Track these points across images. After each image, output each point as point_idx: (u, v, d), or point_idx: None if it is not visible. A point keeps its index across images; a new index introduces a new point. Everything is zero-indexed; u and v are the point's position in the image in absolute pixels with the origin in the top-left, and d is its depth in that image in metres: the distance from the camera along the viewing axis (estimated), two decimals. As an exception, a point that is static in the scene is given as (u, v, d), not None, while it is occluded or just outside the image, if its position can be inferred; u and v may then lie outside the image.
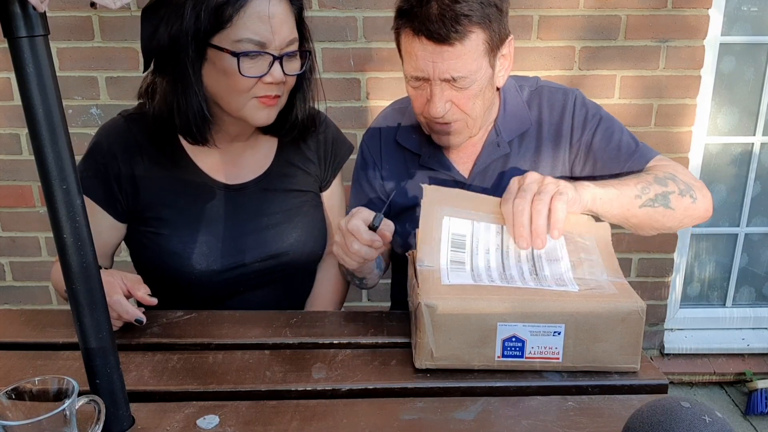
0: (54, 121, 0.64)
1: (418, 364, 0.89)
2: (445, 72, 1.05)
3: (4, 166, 2.23)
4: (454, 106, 1.10)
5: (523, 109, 1.23)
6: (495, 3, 1.05)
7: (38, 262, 2.36)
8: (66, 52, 2.08)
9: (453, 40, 1.02)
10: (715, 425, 0.63)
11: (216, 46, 1.00)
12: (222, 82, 1.03)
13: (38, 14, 0.61)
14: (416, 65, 1.06)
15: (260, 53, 1.01)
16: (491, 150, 1.21)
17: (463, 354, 0.88)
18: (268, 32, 1.00)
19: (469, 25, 1.02)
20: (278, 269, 1.21)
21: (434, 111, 1.09)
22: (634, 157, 1.19)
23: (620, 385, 0.89)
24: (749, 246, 2.56)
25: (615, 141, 1.20)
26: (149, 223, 1.14)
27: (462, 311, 0.85)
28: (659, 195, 1.09)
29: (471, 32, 1.03)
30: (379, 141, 1.30)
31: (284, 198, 1.22)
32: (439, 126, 1.14)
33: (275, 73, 1.03)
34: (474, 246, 0.97)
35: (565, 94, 1.23)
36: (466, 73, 1.05)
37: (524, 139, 1.22)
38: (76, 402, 0.69)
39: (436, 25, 1.01)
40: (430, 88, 1.08)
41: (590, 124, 1.20)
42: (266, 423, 0.80)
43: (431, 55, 1.04)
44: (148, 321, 1.06)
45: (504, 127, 1.21)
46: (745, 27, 2.26)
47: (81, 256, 0.69)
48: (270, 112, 1.08)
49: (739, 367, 2.50)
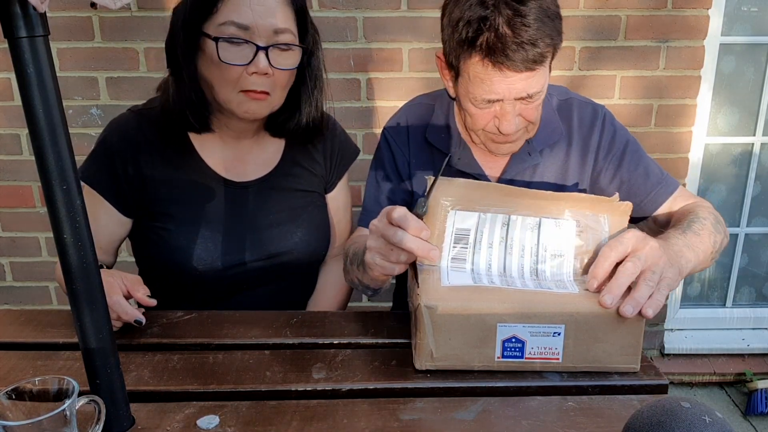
0: (54, 121, 0.64)
1: (419, 365, 0.89)
2: (522, 91, 1.04)
3: (5, 166, 2.23)
4: (522, 119, 1.10)
5: (555, 118, 1.22)
6: (556, 12, 1.04)
7: (38, 263, 2.36)
8: (66, 52, 2.08)
9: (533, 66, 1.02)
10: (715, 425, 0.63)
11: (205, 33, 1.01)
12: (213, 71, 1.04)
13: (38, 14, 0.61)
14: (491, 90, 1.04)
15: (244, 41, 1.00)
16: (522, 158, 1.20)
17: (464, 355, 0.88)
18: (253, 17, 0.99)
19: (545, 47, 1.01)
20: (281, 268, 1.21)
21: (508, 128, 1.08)
22: (661, 185, 1.21)
23: (620, 386, 0.89)
24: (749, 246, 2.56)
25: (643, 166, 1.21)
26: (156, 218, 1.14)
27: (462, 312, 0.85)
28: (719, 246, 1.10)
29: (548, 53, 1.03)
30: (407, 137, 1.27)
31: (289, 197, 1.22)
32: (503, 138, 1.12)
33: (260, 63, 1.01)
34: (477, 240, 0.96)
35: (594, 109, 1.23)
36: (540, 88, 1.06)
37: (554, 150, 1.22)
38: (77, 402, 0.69)
39: (517, 55, 0.99)
40: (501, 106, 1.07)
41: (618, 145, 1.21)
42: (266, 423, 0.80)
43: (510, 81, 1.03)
44: (149, 321, 1.06)
45: (535, 137, 1.20)
46: (745, 27, 2.26)
47: (81, 256, 0.69)
48: (258, 106, 1.06)
49: (739, 368, 2.50)
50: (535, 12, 0.99)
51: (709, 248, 1.06)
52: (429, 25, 2.06)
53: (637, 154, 1.22)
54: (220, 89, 1.05)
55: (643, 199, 1.21)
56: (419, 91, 2.08)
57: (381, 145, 1.30)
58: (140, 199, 1.14)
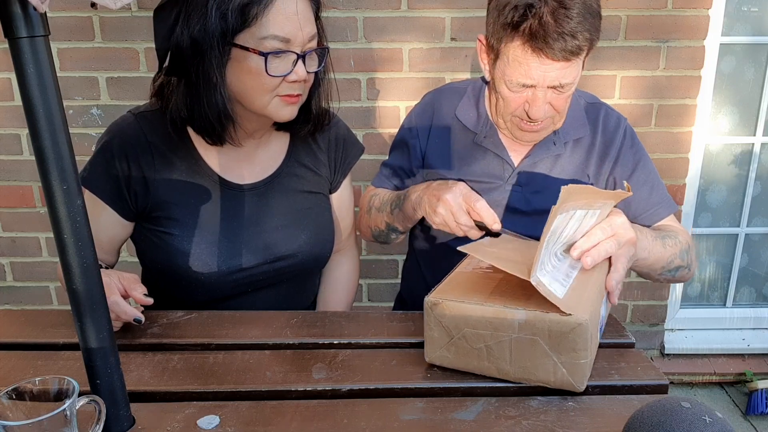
0: (54, 121, 0.64)
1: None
2: (555, 80, 1.10)
3: (5, 167, 2.23)
4: (551, 107, 1.15)
5: (582, 116, 1.27)
6: (598, 11, 1.10)
7: (38, 263, 2.36)
8: (66, 52, 2.08)
9: (570, 57, 1.07)
10: (716, 425, 0.63)
11: (241, 46, 1.00)
12: (246, 81, 1.03)
13: (39, 15, 0.61)
14: (527, 74, 1.10)
15: (285, 51, 1.01)
16: (546, 146, 1.25)
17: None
18: (293, 29, 1.00)
19: (583, 41, 1.07)
20: (285, 271, 1.21)
21: (537, 114, 1.13)
22: (660, 205, 1.28)
23: (620, 386, 0.89)
24: (749, 246, 2.56)
25: (649, 185, 1.28)
26: (159, 222, 1.14)
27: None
28: (676, 267, 1.19)
29: (585, 47, 1.09)
30: (432, 111, 1.34)
31: (294, 199, 1.22)
32: (529, 125, 1.17)
33: (299, 71, 1.03)
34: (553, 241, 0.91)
35: (619, 119, 1.29)
36: (572, 80, 1.11)
37: (578, 145, 1.26)
38: (77, 402, 0.69)
39: (558, 44, 1.05)
40: (533, 92, 1.13)
41: (632, 159, 1.27)
42: (266, 423, 0.80)
43: (545, 68, 1.08)
44: (149, 321, 1.06)
45: (562, 128, 1.25)
46: (746, 27, 2.26)
47: (81, 256, 0.69)
48: (293, 109, 1.09)
49: (740, 368, 2.50)
50: (579, 6, 1.05)
51: (663, 261, 1.15)
52: (429, 25, 2.06)
53: (645, 171, 1.28)
54: (255, 98, 1.05)
55: (640, 214, 1.28)
56: (419, 91, 2.09)
57: (408, 118, 1.38)
58: (143, 203, 1.13)
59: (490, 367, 0.88)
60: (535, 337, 0.83)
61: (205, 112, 1.05)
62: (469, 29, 2.06)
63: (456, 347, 0.89)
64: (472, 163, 1.28)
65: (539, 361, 0.85)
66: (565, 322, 0.81)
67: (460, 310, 0.86)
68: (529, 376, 0.86)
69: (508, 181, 1.26)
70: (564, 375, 0.84)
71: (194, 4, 0.98)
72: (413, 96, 2.12)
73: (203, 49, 1.00)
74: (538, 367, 0.85)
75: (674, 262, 1.18)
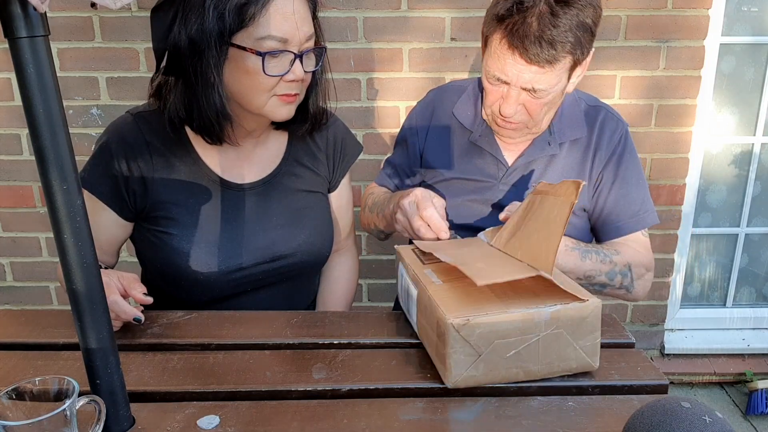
0: (54, 121, 0.64)
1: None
2: (527, 83, 1.10)
3: (5, 167, 2.23)
4: (525, 109, 1.15)
5: (580, 118, 1.27)
6: (590, 28, 1.09)
7: (38, 263, 2.36)
8: (66, 52, 2.08)
9: (543, 64, 1.06)
10: (716, 425, 0.63)
11: (238, 46, 1.00)
12: (244, 81, 1.03)
13: (39, 15, 0.61)
14: (502, 69, 1.10)
15: (282, 51, 1.01)
16: (541, 146, 1.25)
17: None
18: (291, 29, 1.00)
19: (562, 52, 1.06)
20: (285, 270, 1.21)
21: (506, 111, 1.14)
22: (634, 219, 1.26)
23: (620, 386, 0.89)
24: (749, 246, 2.56)
25: (626, 197, 1.25)
26: (158, 222, 1.14)
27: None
28: (600, 284, 1.19)
29: (562, 58, 1.07)
30: (432, 109, 1.35)
31: (292, 198, 1.22)
32: (503, 122, 1.18)
33: (297, 70, 1.03)
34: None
35: (617, 123, 1.28)
36: (546, 87, 1.10)
37: (574, 146, 1.26)
38: (77, 402, 0.69)
39: (532, 48, 1.04)
40: (507, 89, 1.13)
41: (618, 168, 1.26)
42: (266, 423, 0.80)
43: (519, 67, 1.08)
44: (149, 321, 1.06)
45: (558, 129, 1.25)
46: (746, 27, 2.26)
47: (81, 256, 0.69)
48: (290, 108, 1.09)
49: (740, 368, 2.50)
50: (570, 18, 1.04)
51: (579, 273, 1.15)
52: (429, 25, 2.06)
53: (625, 185, 1.26)
54: (252, 97, 1.05)
55: (603, 224, 1.27)
56: (419, 91, 2.09)
57: (409, 116, 1.41)
58: (141, 203, 1.13)
59: (518, 372, 0.86)
60: (560, 330, 0.85)
61: (203, 111, 1.05)
62: (469, 29, 2.06)
63: (485, 363, 0.84)
64: (467, 161, 1.28)
65: (563, 352, 0.87)
66: (584, 307, 0.85)
67: (489, 324, 0.82)
68: (554, 369, 0.87)
69: (501, 181, 1.26)
70: (584, 359, 0.88)
71: (191, 4, 0.98)
72: (413, 96, 2.12)
73: (201, 48, 1.00)
74: (562, 358, 0.87)
75: (597, 278, 1.17)
